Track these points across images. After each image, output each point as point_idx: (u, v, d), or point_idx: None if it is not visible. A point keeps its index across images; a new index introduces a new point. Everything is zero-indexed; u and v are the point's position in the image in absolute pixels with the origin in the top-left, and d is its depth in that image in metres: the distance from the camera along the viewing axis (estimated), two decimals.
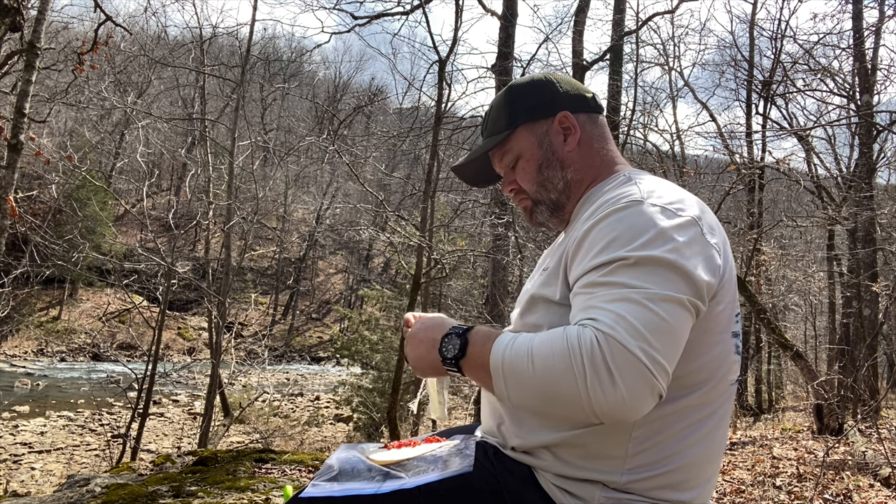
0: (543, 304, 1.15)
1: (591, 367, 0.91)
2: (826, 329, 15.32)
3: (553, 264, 1.17)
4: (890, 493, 3.75)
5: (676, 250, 0.99)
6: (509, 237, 10.07)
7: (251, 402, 12.63)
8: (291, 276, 36.28)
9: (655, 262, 0.97)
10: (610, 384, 0.90)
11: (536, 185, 1.26)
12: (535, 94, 1.26)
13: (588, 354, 0.91)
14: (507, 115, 1.26)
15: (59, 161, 15.50)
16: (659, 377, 0.92)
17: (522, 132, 1.25)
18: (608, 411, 0.91)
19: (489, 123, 1.31)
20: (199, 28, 14.46)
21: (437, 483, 1.09)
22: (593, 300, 0.98)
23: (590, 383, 0.90)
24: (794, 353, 6.74)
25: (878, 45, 10.61)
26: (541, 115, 1.25)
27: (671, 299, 0.95)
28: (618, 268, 0.98)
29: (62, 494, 3.10)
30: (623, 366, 0.90)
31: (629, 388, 0.90)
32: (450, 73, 9.21)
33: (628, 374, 0.90)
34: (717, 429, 1.12)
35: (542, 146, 1.24)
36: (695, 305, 0.98)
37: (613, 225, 1.03)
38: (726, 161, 10.22)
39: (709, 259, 1.03)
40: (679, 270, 0.98)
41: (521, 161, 1.26)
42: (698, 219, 1.05)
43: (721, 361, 1.09)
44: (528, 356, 0.97)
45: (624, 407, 0.90)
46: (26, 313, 25.00)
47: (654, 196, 1.06)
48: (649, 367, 0.90)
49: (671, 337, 0.94)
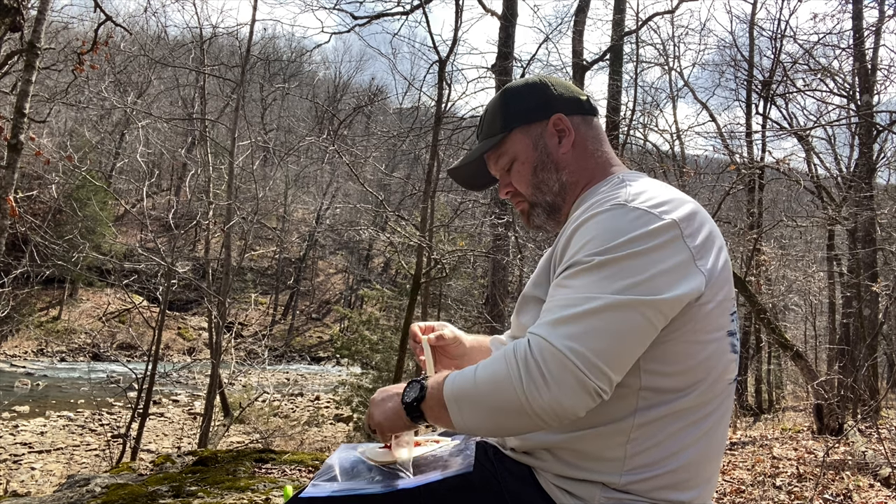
0: (534, 305, 1.17)
1: (525, 370, 0.95)
2: (826, 329, 15.33)
3: (543, 264, 1.19)
4: (890, 493, 3.75)
5: (644, 254, 0.99)
6: (509, 237, 10.07)
7: (251, 402, 12.63)
8: (291, 276, 36.28)
9: (616, 264, 0.99)
10: (543, 384, 0.94)
11: (532, 187, 1.26)
12: (529, 96, 1.27)
13: (522, 359, 0.96)
14: (502, 117, 1.27)
15: (59, 161, 15.50)
16: (590, 375, 0.94)
17: (517, 135, 1.26)
18: (548, 411, 0.95)
19: (484, 126, 1.31)
20: (199, 28, 14.49)
21: (437, 483, 1.09)
22: (547, 304, 1.03)
23: (525, 386, 0.94)
24: (794, 353, 6.74)
25: (878, 45, 10.63)
26: (535, 118, 1.25)
27: (620, 303, 0.97)
28: (578, 271, 1.01)
29: (62, 494, 3.10)
30: (552, 365, 0.94)
31: (562, 388, 0.93)
32: (450, 73, 9.22)
33: (558, 373, 0.93)
34: (717, 428, 1.12)
35: (537, 148, 1.25)
36: (653, 308, 0.98)
37: (592, 228, 1.05)
38: (726, 161, 10.22)
39: (684, 263, 1.02)
40: (641, 274, 0.98)
41: (517, 164, 1.27)
42: (680, 222, 1.04)
43: (716, 361, 1.09)
44: (473, 376, 1.02)
45: (560, 405, 0.94)
46: (26, 313, 25.00)
47: (638, 199, 1.06)
48: (578, 365, 0.93)
49: (611, 338, 0.96)
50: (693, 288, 1.02)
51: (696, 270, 1.03)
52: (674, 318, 1.02)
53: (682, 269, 1.02)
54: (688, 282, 1.01)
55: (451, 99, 10.08)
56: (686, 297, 1.01)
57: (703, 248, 1.05)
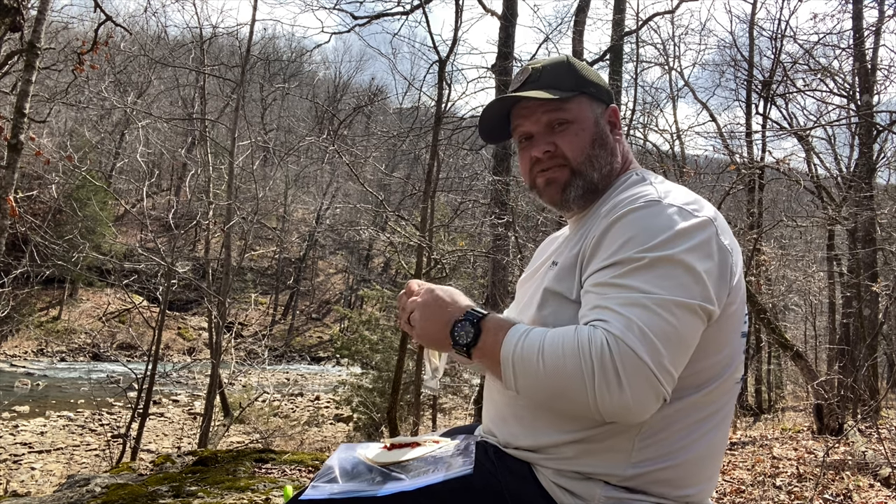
0: (556, 301, 1.14)
1: (601, 369, 0.93)
2: (826, 329, 15.32)
3: (568, 261, 1.16)
4: (890, 493, 3.75)
5: (691, 252, 1.00)
6: (509, 237, 10.06)
7: (251, 402, 12.63)
8: (291, 276, 36.27)
9: (669, 264, 0.99)
10: (617, 388, 0.92)
11: (585, 157, 1.21)
12: (596, 76, 1.28)
13: (598, 357, 0.93)
14: (575, 78, 1.23)
15: (59, 161, 15.50)
16: (665, 383, 0.94)
17: (585, 101, 1.24)
18: (612, 413, 0.94)
19: (546, 77, 1.22)
20: (199, 28, 14.48)
21: (438, 485, 1.09)
22: (605, 300, 0.99)
23: (597, 385, 0.93)
24: (794, 353, 6.74)
25: (878, 45, 10.62)
26: (601, 98, 1.26)
27: (682, 305, 0.97)
28: (632, 270, 1.00)
29: (62, 494, 3.10)
30: (631, 371, 0.92)
31: (635, 393, 0.92)
32: (450, 73, 9.22)
33: (636, 380, 0.92)
34: (720, 426, 1.13)
35: (598, 125, 1.24)
36: (706, 310, 0.99)
37: (630, 224, 1.04)
38: (726, 161, 10.22)
39: (723, 261, 1.04)
40: (692, 273, 0.99)
41: (575, 127, 1.21)
42: (713, 220, 1.06)
43: (731, 360, 1.11)
44: (539, 352, 0.98)
45: (629, 410, 0.93)
46: (26, 313, 24.99)
47: (670, 196, 1.07)
48: (657, 374, 0.93)
49: (680, 343, 0.96)
50: (731, 288, 1.05)
51: (732, 271, 1.06)
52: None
53: (725, 265, 1.04)
54: (729, 282, 1.04)
55: (451, 99, 10.10)
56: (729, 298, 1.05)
57: (733, 247, 1.08)
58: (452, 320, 1.08)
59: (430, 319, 1.11)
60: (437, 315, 1.10)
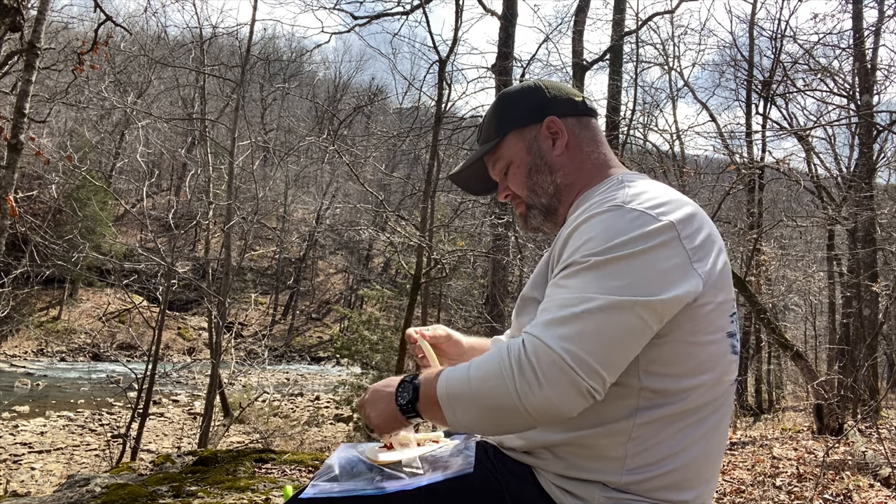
0: (529, 305, 1.18)
1: (518, 369, 0.95)
2: (826, 329, 15.32)
3: (541, 266, 1.20)
4: (890, 493, 3.75)
5: (641, 254, 0.99)
6: (509, 237, 10.07)
7: (251, 402, 12.62)
8: (291, 276, 36.28)
9: (612, 265, 0.99)
10: (536, 384, 0.94)
11: (527, 190, 1.28)
12: (523, 100, 1.28)
13: (515, 358, 0.96)
14: (497, 122, 1.29)
15: (59, 161, 15.51)
16: (583, 375, 0.94)
17: (512, 139, 1.27)
18: (539, 410, 0.95)
19: (482, 131, 1.34)
20: (199, 28, 14.47)
21: (438, 484, 1.09)
22: (544, 304, 1.03)
23: (518, 385, 0.95)
24: (794, 353, 6.75)
25: (878, 45, 10.61)
26: (529, 121, 1.26)
27: (616, 303, 0.97)
28: (575, 272, 1.02)
29: (62, 494, 3.10)
30: (546, 365, 0.94)
31: (554, 387, 0.93)
32: (450, 73, 9.21)
33: (551, 374, 0.94)
34: (717, 429, 1.12)
35: (531, 152, 1.26)
36: (648, 308, 0.98)
37: (589, 229, 1.05)
38: (726, 161, 10.22)
39: (678, 265, 1.02)
40: (636, 273, 0.98)
41: (512, 167, 1.29)
42: (678, 223, 1.04)
43: (716, 362, 1.09)
44: (467, 374, 1.02)
45: (553, 405, 0.94)
46: (26, 313, 24.99)
47: (636, 201, 1.06)
48: (571, 365, 0.93)
49: (605, 338, 0.96)
50: (689, 290, 1.02)
51: (693, 272, 1.03)
52: (671, 319, 1.02)
53: (679, 271, 1.02)
54: (684, 283, 1.01)
55: (451, 99, 10.10)
56: (682, 298, 1.01)
57: (701, 250, 1.05)
58: (393, 392, 1.12)
59: (377, 403, 1.15)
60: (379, 398, 1.14)
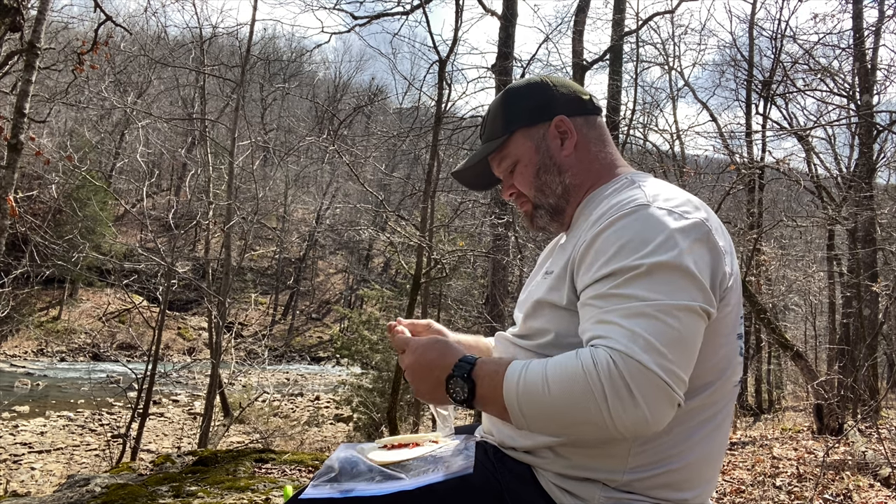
0: (549, 309, 1.15)
1: (612, 389, 0.91)
2: (826, 329, 15.32)
3: (559, 269, 1.16)
4: (890, 493, 3.75)
5: (686, 254, 0.99)
6: (509, 237, 10.06)
7: (251, 402, 12.62)
8: (291, 276, 36.27)
9: (666, 269, 0.97)
10: (632, 404, 0.90)
11: (535, 190, 1.26)
12: (531, 97, 1.26)
13: (606, 377, 0.91)
14: (504, 119, 1.26)
15: (59, 161, 15.50)
16: (677, 389, 0.93)
17: (519, 137, 1.25)
18: (632, 429, 0.92)
19: (486, 128, 1.30)
20: (199, 28, 14.48)
21: (438, 484, 1.09)
22: (606, 314, 0.98)
23: (611, 405, 0.91)
24: (794, 353, 6.75)
25: (878, 45, 10.61)
26: (537, 120, 1.24)
27: (684, 308, 0.96)
28: (629, 279, 0.98)
29: (62, 494, 3.10)
30: (643, 384, 0.90)
31: (650, 404, 0.90)
32: (450, 73, 9.21)
33: (649, 392, 0.90)
34: (719, 429, 1.12)
35: (539, 151, 1.24)
36: (706, 311, 0.99)
37: (621, 231, 1.03)
38: (726, 161, 10.22)
39: (718, 262, 1.03)
40: (690, 276, 0.98)
41: (519, 166, 1.26)
42: (706, 220, 1.05)
43: (727, 363, 1.10)
44: (544, 385, 0.96)
45: (647, 423, 0.91)
46: (26, 313, 24.99)
47: (659, 199, 1.06)
48: (667, 382, 0.91)
49: (686, 346, 0.95)
50: (727, 289, 1.05)
51: (726, 273, 1.05)
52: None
53: (720, 266, 1.04)
54: (723, 283, 1.04)
55: (451, 99, 10.10)
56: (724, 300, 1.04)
57: (727, 248, 1.07)
58: (443, 379, 1.06)
59: (423, 382, 1.10)
60: (427, 378, 1.10)
